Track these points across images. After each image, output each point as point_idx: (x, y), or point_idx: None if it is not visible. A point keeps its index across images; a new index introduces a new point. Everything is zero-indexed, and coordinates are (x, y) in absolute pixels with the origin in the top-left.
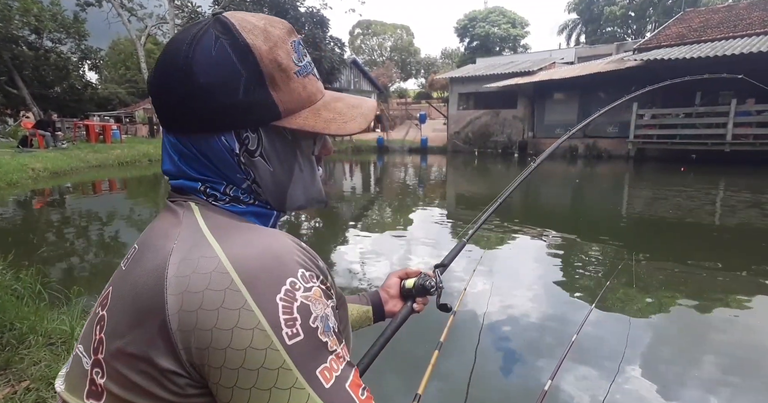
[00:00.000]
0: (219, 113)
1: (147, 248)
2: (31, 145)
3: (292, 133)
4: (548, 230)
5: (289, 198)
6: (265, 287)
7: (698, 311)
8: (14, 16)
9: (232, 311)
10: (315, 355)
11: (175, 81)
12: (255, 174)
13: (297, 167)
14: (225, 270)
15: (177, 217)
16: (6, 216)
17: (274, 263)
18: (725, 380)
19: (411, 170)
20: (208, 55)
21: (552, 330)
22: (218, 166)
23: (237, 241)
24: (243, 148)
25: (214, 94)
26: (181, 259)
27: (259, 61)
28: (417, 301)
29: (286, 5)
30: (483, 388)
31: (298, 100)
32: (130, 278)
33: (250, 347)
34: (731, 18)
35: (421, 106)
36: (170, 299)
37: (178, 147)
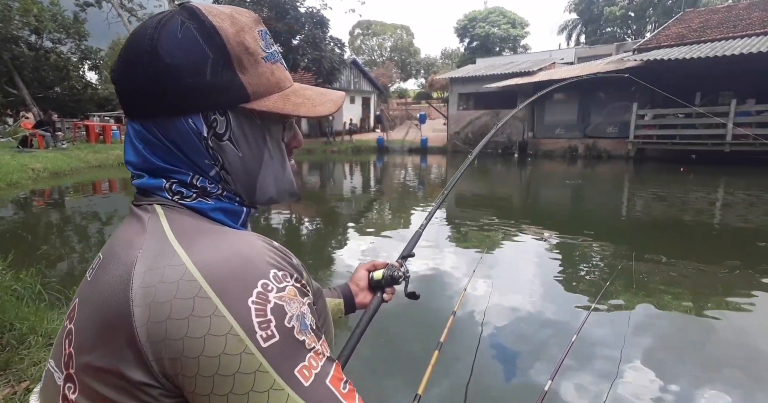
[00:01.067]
0: (186, 95)
1: (111, 258)
2: (31, 146)
3: (261, 117)
4: (548, 230)
5: (259, 187)
6: (235, 292)
7: (698, 311)
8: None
9: (202, 318)
10: (292, 355)
11: (140, 64)
12: (223, 159)
13: (267, 153)
14: (192, 277)
15: (142, 224)
16: (6, 216)
17: (244, 266)
18: (725, 380)
19: (411, 171)
20: (174, 37)
21: (552, 330)
22: (185, 152)
23: (204, 247)
24: (211, 132)
25: (181, 75)
26: (146, 269)
27: (226, 42)
28: (386, 291)
29: (286, 5)
30: (483, 388)
31: (266, 85)
32: (95, 290)
33: (224, 353)
34: (731, 18)
35: (421, 106)
36: (137, 311)
37: (143, 134)
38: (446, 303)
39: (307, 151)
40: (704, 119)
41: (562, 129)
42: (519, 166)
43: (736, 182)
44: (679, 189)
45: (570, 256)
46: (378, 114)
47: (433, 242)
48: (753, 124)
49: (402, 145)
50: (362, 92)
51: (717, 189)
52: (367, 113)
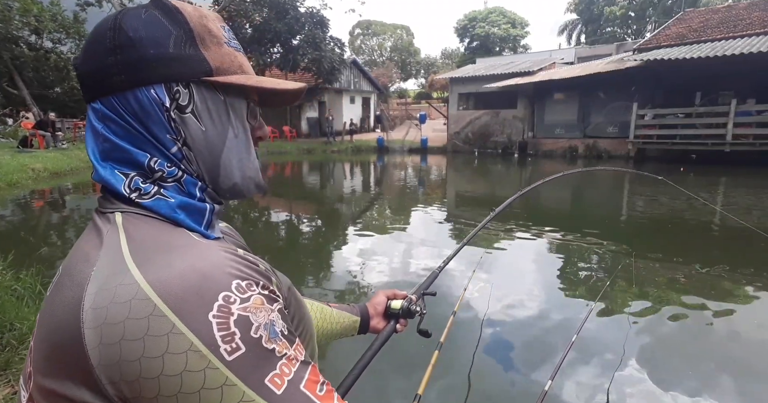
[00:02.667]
0: (148, 65)
1: (68, 274)
2: (31, 146)
3: (225, 93)
4: (548, 229)
5: (222, 167)
6: (194, 308)
7: (698, 310)
8: (14, 16)
9: (159, 337)
10: (261, 365)
11: (103, 39)
12: (186, 134)
13: (231, 131)
14: (146, 296)
15: (100, 236)
16: (6, 216)
17: (201, 281)
18: (725, 379)
19: (411, 171)
20: (138, 17)
21: (552, 330)
22: (147, 125)
23: (158, 264)
24: (174, 104)
25: (143, 45)
26: (98, 288)
27: (189, 20)
28: (400, 322)
29: (286, 5)
30: (483, 388)
31: (229, 64)
32: (50, 308)
33: (185, 371)
34: (731, 18)
35: (421, 106)
36: (88, 333)
37: (102, 112)
38: (446, 303)
39: (307, 151)
40: (704, 119)
41: (562, 129)
42: (519, 166)
43: (736, 182)
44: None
45: (570, 255)
46: (378, 114)
47: (433, 242)
48: (753, 124)
49: (402, 145)
50: (362, 92)
51: (717, 189)
52: (367, 113)
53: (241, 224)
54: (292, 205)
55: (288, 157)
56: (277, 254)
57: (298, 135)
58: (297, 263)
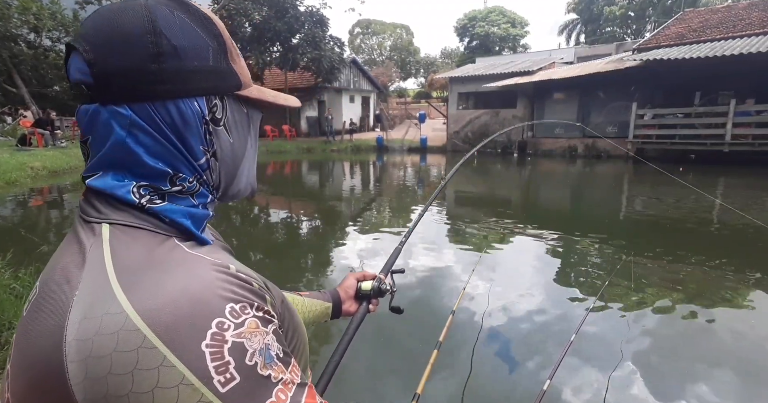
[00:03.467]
0: (192, 76)
1: (47, 297)
2: (30, 144)
3: (248, 106)
4: (547, 229)
5: (238, 176)
6: (186, 337)
7: (697, 310)
8: (13, 14)
9: (149, 371)
10: (257, 393)
11: (142, 43)
12: (216, 145)
13: (249, 141)
14: (135, 327)
15: (82, 252)
16: (5, 215)
17: (194, 307)
18: (723, 379)
19: (410, 170)
20: (173, 23)
21: (551, 330)
22: (183, 137)
23: (147, 288)
24: (210, 116)
25: (187, 56)
26: (82, 317)
27: (222, 33)
28: (372, 302)
29: (285, 4)
30: (482, 388)
31: (247, 77)
32: (28, 333)
33: None
34: (731, 18)
35: (421, 105)
36: (71, 367)
37: (132, 119)
38: (445, 302)
39: (307, 150)
40: (703, 119)
41: (561, 129)
42: (518, 166)
43: (734, 182)
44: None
45: (569, 255)
46: (377, 113)
47: (433, 241)
48: (752, 124)
49: (402, 144)
50: (362, 91)
51: (716, 189)
52: (366, 112)
53: (240, 223)
54: (292, 204)
55: (287, 156)
56: (277, 253)
57: (298, 134)
58: (296, 262)
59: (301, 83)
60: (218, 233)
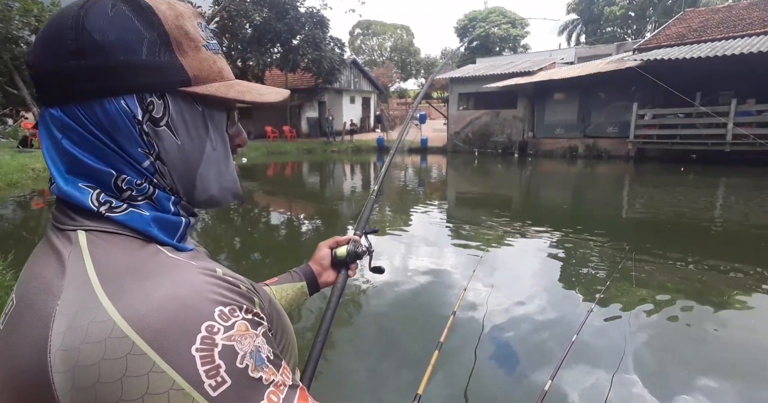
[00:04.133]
0: (117, 73)
1: (26, 308)
2: (31, 146)
3: (204, 104)
4: (548, 229)
5: (199, 181)
6: (176, 342)
7: (698, 311)
8: (14, 16)
9: (138, 377)
10: (248, 396)
11: (64, 40)
12: (159, 147)
13: (209, 144)
14: (123, 334)
15: (60, 260)
16: (6, 216)
17: (183, 312)
18: (725, 379)
19: (411, 170)
20: (104, 15)
21: (552, 330)
22: (116, 139)
23: (134, 294)
24: (146, 116)
25: (112, 51)
26: (66, 327)
27: (164, 22)
28: (350, 267)
29: (286, 5)
30: (483, 388)
31: (208, 71)
32: (7, 346)
33: None
34: (731, 18)
35: (421, 106)
36: (57, 378)
37: (63, 121)
38: (446, 303)
39: (307, 151)
40: (704, 119)
41: (562, 129)
42: (519, 166)
43: (736, 182)
44: (679, 189)
45: (570, 255)
46: (378, 114)
47: (433, 242)
48: (753, 124)
49: (402, 144)
50: (362, 92)
51: (717, 189)
52: (367, 113)
53: (240, 223)
54: (292, 204)
55: (288, 157)
56: (277, 253)
57: (298, 135)
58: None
59: (301, 84)
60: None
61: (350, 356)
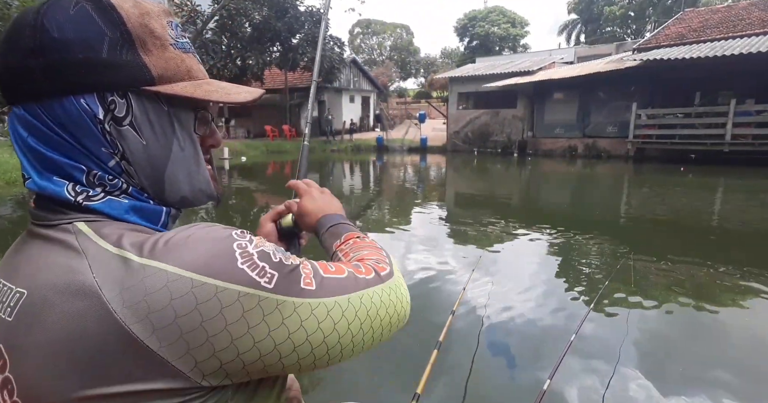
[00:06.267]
0: (76, 71)
1: (50, 291)
2: None
3: (169, 104)
4: (547, 229)
5: (168, 182)
6: (224, 266)
7: (696, 310)
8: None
9: (209, 301)
10: (292, 278)
11: (22, 38)
12: (124, 147)
13: (176, 143)
14: (179, 276)
15: (70, 247)
16: (5, 215)
17: (214, 244)
18: (723, 379)
19: (410, 170)
20: (65, 12)
21: (551, 330)
22: (78, 138)
23: (166, 249)
24: (109, 116)
25: (70, 48)
26: (120, 290)
27: (126, 21)
28: (301, 235)
29: (285, 4)
30: (482, 387)
31: (175, 70)
32: (40, 328)
33: (245, 312)
34: (731, 18)
35: (421, 105)
36: (135, 328)
37: (26, 120)
38: (445, 302)
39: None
40: (704, 119)
41: (561, 129)
42: (518, 166)
43: (735, 182)
44: (679, 189)
45: (569, 255)
46: (378, 113)
47: (432, 242)
48: (752, 124)
49: (402, 144)
50: (362, 91)
51: (716, 189)
52: (366, 112)
53: (240, 223)
54: None
55: (288, 156)
56: None
57: (298, 134)
58: None
59: (301, 83)
60: None
61: None
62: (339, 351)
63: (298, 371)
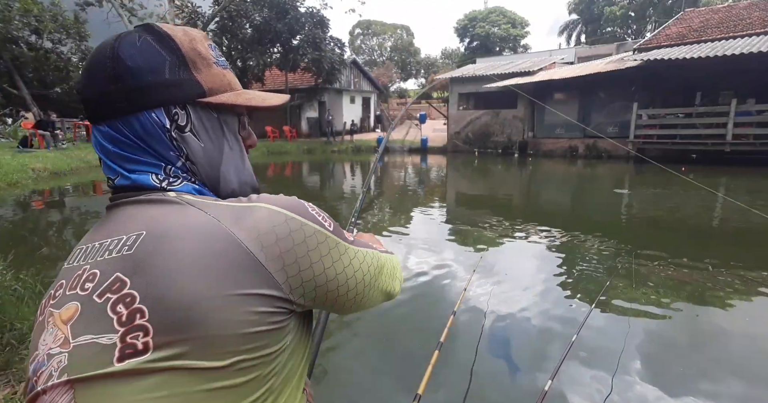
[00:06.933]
0: (147, 91)
1: (173, 226)
2: (31, 146)
3: (218, 111)
4: (548, 229)
5: (222, 177)
6: (305, 212)
7: (697, 311)
8: (14, 16)
9: (298, 230)
10: (340, 232)
11: (103, 69)
12: (187, 150)
13: (226, 144)
14: (278, 211)
15: (179, 204)
16: (6, 216)
17: (296, 200)
18: (724, 380)
19: (411, 170)
20: (133, 45)
21: (552, 330)
22: (151, 145)
23: (260, 198)
24: (173, 125)
25: (141, 74)
26: (234, 220)
27: (180, 47)
28: None
29: (286, 5)
30: (483, 388)
31: (220, 84)
32: (171, 254)
33: (320, 244)
34: (731, 18)
35: (421, 106)
36: (250, 245)
37: (110, 134)
38: (446, 303)
39: (308, 151)
40: (704, 119)
41: (562, 129)
42: (519, 166)
43: (736, 182)
44: (679, 189)
45: (570, 255)
46: (378, 114)
47: (434, 242)
48: (753, 123)
49: (402, 145)
50: (362, 92)
51: (717, 189)
52: (367, 113)
53: None
54: None
55: (288, 157)
56: None
57: (298, 135)
58: None
59: (301, 84)
60: None
61: (350, 356)
62: (363, 294)
63: (343, 305)
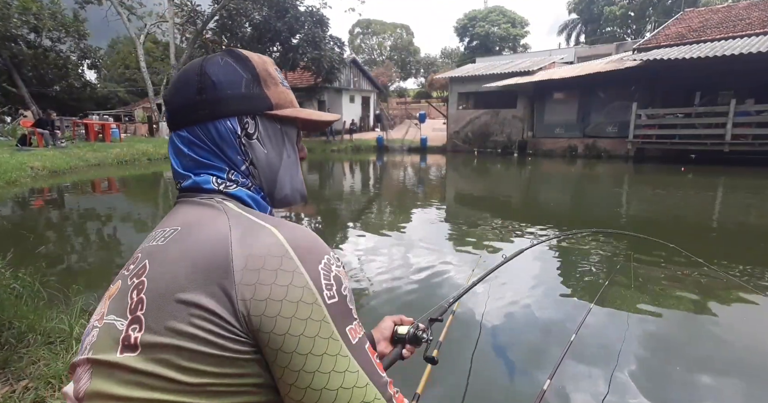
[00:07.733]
0: (226, 102)
1: (197, 226)
2: (30, 144)
3: (281, 123)
4: (547, 229)
5: (279, 182)
6: (310, 258)
7: (696, 310)
8: (13, 14)
9: (287, 272)
10: (345, 316)
11: (191, 82)
12: (252, 155)
13: (285, 153)
14: (281, 243)
15: (214, 208)
16: (5, 215)
17: (315, 243)
18: (723, 380)
19: (410, 170)
20: (217, 64)
21: (551, 330)
22: (223, 149)
23: (285, 225)
24: (243, 132)
25: (223, 87)
26: (241, 234)
27: (256, 66)
28: (406, 348)
29: (286, 4)
30: (482, 387)
31: (284, 100)
32: (179, 248)
33: (301, 301)
34: (731, 18)
35: (421, 105)
36: (237, 261)
37: (188, 139)
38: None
39: (307, 150)
40: (704, 119)
41: (561, 129)
42: (518, 166)
43: (735, 182)
44: (679, 189)
45: (569, 255)
46: (378, 113)
47: (432, 241)
48: (752, 124)
49: (402, 144)
50: (362, 91)
51: (716, 189)
52: (366, 112)
53: None
54: None
55: None
56: None
57: None
58: None
59: (301, 83)
60: None
61: None
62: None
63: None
